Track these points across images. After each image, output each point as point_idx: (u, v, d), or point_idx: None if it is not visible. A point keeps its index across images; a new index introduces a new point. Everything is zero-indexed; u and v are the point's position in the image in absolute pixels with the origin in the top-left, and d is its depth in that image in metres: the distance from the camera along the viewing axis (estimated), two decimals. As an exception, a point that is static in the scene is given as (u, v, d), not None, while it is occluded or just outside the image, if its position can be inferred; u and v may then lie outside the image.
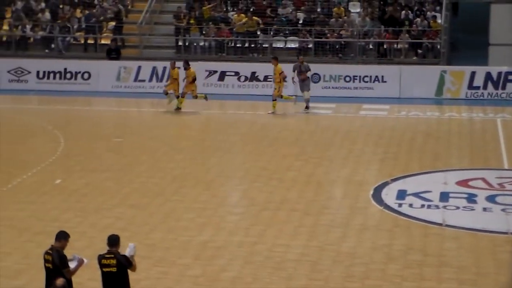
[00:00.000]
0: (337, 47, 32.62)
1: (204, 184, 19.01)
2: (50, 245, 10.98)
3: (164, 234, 15.57)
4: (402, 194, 18.07)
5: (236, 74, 30.88)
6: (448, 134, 24.44)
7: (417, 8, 33.61)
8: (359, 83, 30.56)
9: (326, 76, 30.70)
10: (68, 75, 31.92)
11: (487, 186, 18.69)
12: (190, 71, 27.14)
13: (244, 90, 30.31)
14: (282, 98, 27.13)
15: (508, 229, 15.88)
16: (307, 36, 32.81)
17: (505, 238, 15.44)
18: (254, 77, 30.60)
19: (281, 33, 33.37)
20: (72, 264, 10.93)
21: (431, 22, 32.48)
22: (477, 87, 29.90)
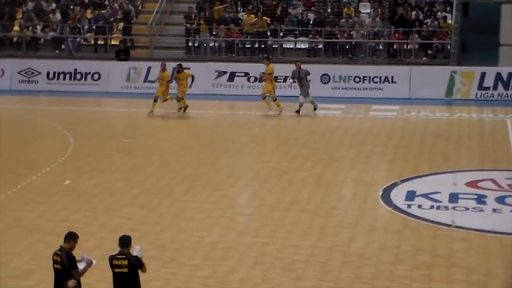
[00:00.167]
0: (347, 47, 32.60)
1: (214, 184, 19.04)
2: (59, 246, 11.02)
3: (174, 234, 15.60)
4: (411, 195, 18.05)
5: (246, 74, 30.90)
6: (457, 135, 24.39)
7: (427, 8, 33.54)
8: (368, 83, 30.54)
9: (335, 77, 30.68)
10: (78, 76, 32.02)
11: (497, 187, 18.65)
12: (185, 73, 26.76)
13: (254, 91, 30.28)
14: (263, 100, 26.79)
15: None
16: (317, 36, 32.81)
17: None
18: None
19: (291, 33, 33.37)
20: (80, 265, 10.96)
21: (441, 22, 32.43)
22: (487, 88, 29.84)
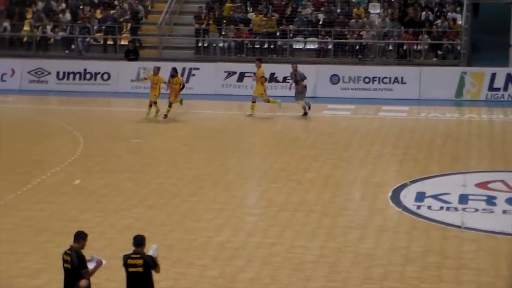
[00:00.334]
0: (356, 48, 32.57)
1: (223, 185, 19.04)
2: (69, 245, 11.04)
3: (183, 234, 15.60)
4: (420, 196, 18.01)
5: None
6: (467, 136, 24.33)
7: (437, 9, 33.48)
8: (378, 84, 30.49)
9: (345, 77, 30.66)
10: (87, 76, 32.07)
11: (507, 189, 18.58)
12: (179, 78, 26.35)
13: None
14: (253, 102, 26.55)
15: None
16: (327, 37, 32.78)
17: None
18: (273, 78, 30.57)
19: (300, 34, 33.35)
20: (90, 265, 10.97)
21: (451, 23, 32.36)
22: (497, 89, 29.75)
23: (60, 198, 17.94)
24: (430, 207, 17.28)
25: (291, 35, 33.21)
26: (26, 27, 35.29)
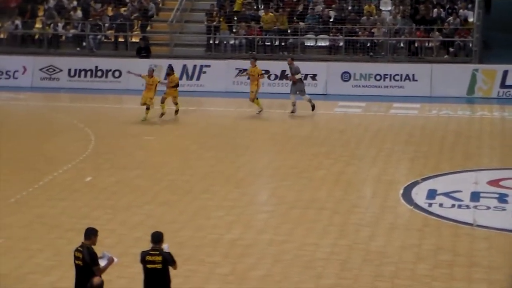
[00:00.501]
0: (368, 45, 32.50)
1: (234, 182, 19.04)
2: (81, 242, 11.06)
3: (194, 232, 15.61)
4: (432, 194, 17.97)
5: (266, 72, 30.82)
6: (479, 133, 24.25)
7: (449, 6, 33.37)
8: (389, 81, 30.43)
9: (356, 75, 30.61)
10: (99, 73, 32.12)
11: (519, 186, 18.55)
12: (174, 76, 25.85)
13: (274, 88, 30.28)
14: (253, 101, 26.48)
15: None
16: (338, 34, 32.73)
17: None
18: (284, 75, 30.55)
19: (311, 31, 33.31)
20: (102, 262, 10.99)
21: (462, 20, 32.24)
22: (509, 86, 29.64)
23: (72, 195, 17.99)
24: (441, 205, 17.24)
25: (302, 32, 33.17)
26: (38, 25, 35.36)
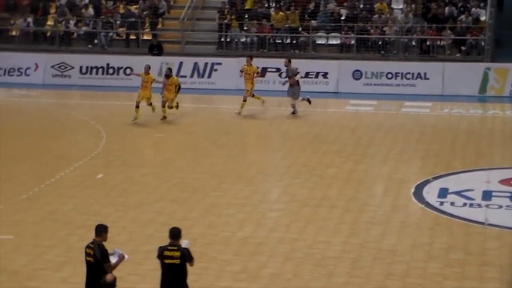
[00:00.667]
0: (379, 43, 32.43)
1: (245, 180, 19.03)
2: (92, 239, 11.07)
3: (205, 229, 15.61)
4: (443, 192, 17.92)
5: (278, 70, 30.86)
6: (491, 132, 24.17)
7: (461, 4, 33.26)
8: (401, 80, 30.37)
9: (368, 73, 30.57)
10: (110, 71, 32.18)
11: (531, 185, 18.48)
12: (173, 78, 25.52)
13: (285, 86, 30.20)
14: (253, 97, 26.39)
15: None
16: (349, 32, 32.67)
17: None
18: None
19: (323, 29, 33.24)
20: (113, 259, 11.00)
21: (474, 18, 32.13)
22: (521, 85, 29.56)
23: (83, 192, 18.02)
24: (453, 204, 17.19)
25: (313, 30, 33.10)
26: (50, 22, 35.43)
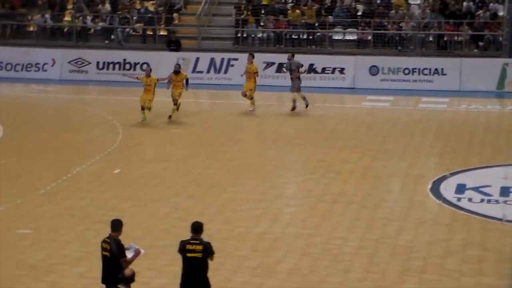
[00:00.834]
0: (396, 39, 32.32)
1: (261, 175, 19.03)
2: (108, 233, 11.10)
3: (221, 225, 15.62)
4: (461, 188, 17.85)
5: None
6: (509, 128, 24.03)
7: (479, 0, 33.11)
8: (418, 75, 30.27)
9: (384, 69, 30.49)
10: (127, 66, 32.24)
11: (549, 181, 18.37)
12: (182, 74, 24.94)
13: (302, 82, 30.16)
14: (245, 96, 25.86)
15: None
16: (366, 28, 32.58)
17: None
18: (312, 69, 30.48)
19: (339, 25, 33.18)
20: (129, 254, 11.02)
21: (492, 14, 31.95)
22: (539, 81, 29.39)
23: (100, 187, 18.07)
24: (470, 200, 17.12)
25: (330, 26, 33.03)
26: (67, 18, 35.55)
